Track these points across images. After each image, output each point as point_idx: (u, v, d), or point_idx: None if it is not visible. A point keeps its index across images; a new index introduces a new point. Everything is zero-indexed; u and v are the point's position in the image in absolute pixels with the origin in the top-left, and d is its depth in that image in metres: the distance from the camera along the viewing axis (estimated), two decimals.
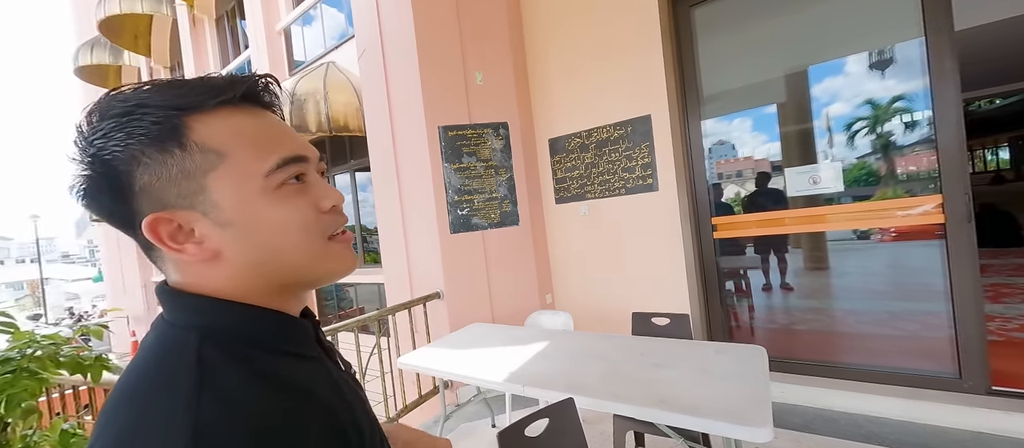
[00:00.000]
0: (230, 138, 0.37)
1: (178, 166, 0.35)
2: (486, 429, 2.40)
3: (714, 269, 2.55)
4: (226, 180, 0.36)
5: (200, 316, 0.37)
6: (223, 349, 0.35)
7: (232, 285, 0.38)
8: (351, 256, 0.43)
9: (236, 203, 0.36)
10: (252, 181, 0.37)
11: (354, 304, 5.97)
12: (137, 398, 0.32)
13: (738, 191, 2.69)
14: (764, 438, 1.04)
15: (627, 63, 2.62)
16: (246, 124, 0.38)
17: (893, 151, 2.17)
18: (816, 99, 2.34)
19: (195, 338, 0.35)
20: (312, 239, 0.39)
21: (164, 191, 0.36)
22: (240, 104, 0.39)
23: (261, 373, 0.35)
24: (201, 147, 0.36)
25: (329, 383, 0.40)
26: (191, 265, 0.38)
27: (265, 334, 0.38)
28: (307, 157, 0.40)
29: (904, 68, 2.06)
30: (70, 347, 1.40)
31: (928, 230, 2.04)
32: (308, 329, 0.43)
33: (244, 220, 0.37)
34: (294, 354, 0.39)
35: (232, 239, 0.37)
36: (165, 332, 0.37)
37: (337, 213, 0.42)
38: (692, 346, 1.70)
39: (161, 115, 0.35)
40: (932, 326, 2.13)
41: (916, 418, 1.95)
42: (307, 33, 5.86)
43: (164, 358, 0.35)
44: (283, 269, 0.39)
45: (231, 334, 0.36)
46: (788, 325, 2.70)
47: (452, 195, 2.78)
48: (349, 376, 0.49)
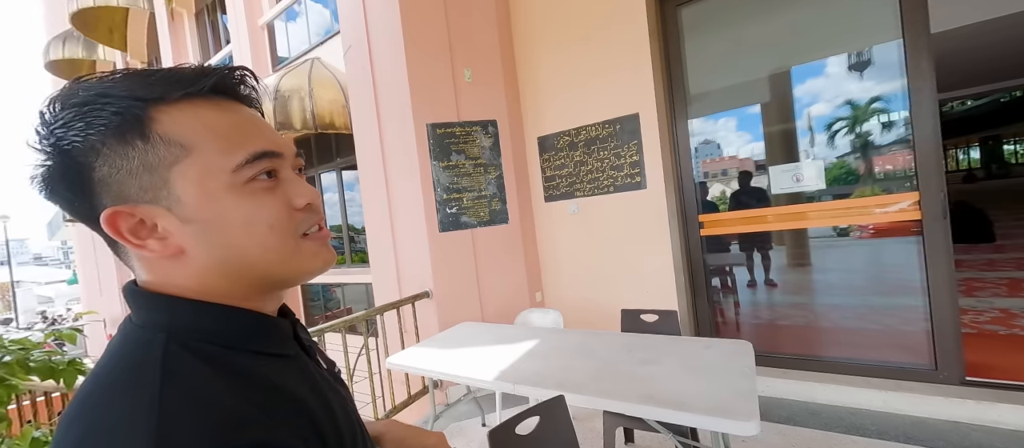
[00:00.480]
0: (197, 131, 0.35)
1: (140, 158, 0.34)
2: (476, 428, 2.39)
3: (701, 266, 2.59)
4: (190, 174, 0.35)
5: (167, 316, 0.36)
6: (191, 349, 0.34)
7: (199, 283, 0.37)
8: (327, 254, 0.42)
9: (200, 199, 0.35)
10: (218, 176, 0.35)
11: (341, 304, 5.89)
12: (99, 402, 0.31)
13: (723, 189, 2.74)
14: (751, 431, 1.05)
15: (616, 62, 2.63)
16: (216, 117, 0.37)
17: (872, 150, 2.23)
18: (798, 99, 2.39)
19: (161, 338, 0.34)
20: (282, 237, 0.38)
21: (124, 184, 0.34)
22: (211, 96, 0.37)
23: (230, 371, 0.34)
24: (165, 139, 0.34)
25: (306, 382, 0.39)
26: (157, 262, 0.36)
27: (235, 334, 0.37)
28: (280, 153, 0.39)
29: (882, 69, 2.12)
30: (42, 352, 1.34)
31: (905, 227, 2.10)
32: (285, 328, 0.42)
33: (208, 217, 0.35)
34: (267, 353, 0.38)
35: (196, 236, 0.35)
36: (130, 333, 0.36)
37: (312, 210, 0.41)
38: (680, 342, 1.72)
39: (123, 105, 0.33)
40: (909, 320, 2.19)
41: (896, 409, 2.01)
42: (291, 28, 5.74)
43: (127, 359, 0.33)
44: (251, 268, 0.37)
45: (199, 334, 0.35)
46: (772, 320, 2.76)
47: (441, 193, 2.76)
48: (332, 376, 0.48)
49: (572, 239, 2.94)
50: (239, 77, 0.40)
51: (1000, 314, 2.89)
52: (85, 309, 9.70)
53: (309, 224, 0.40)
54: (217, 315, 0.37)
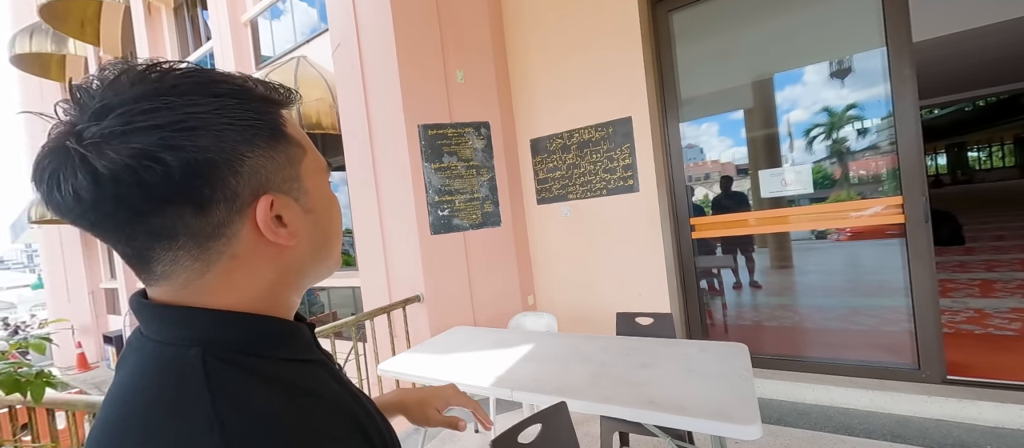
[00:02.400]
0: (302, 135, 0.40)
1: (285, 154, 0.37)
2: (469, 435, 2.35)
3: (693, 269, 2.61)
4: (310, 170, 0.39)
5: (200, 331, 0.34)
6: (228, 362, 0.33)
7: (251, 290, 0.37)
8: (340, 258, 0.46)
9: (317, 192, 0.40)
10: (322, 173, 0.41)
11: (325, 309, 5.75)
12: (141, 425, 0.29)
13: (706, 194, 2.79)
14: (753, 435, 1.05)
15: (608, 65, 2.64)
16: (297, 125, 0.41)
17: (856, 155, 2.30)
18: (785, 105, 2.44)
19: (198, 352, 0.32)
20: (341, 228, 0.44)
21: (273, 176, 0.36)
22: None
23: (273, 380, 0.34)
24: (291, 140, 0.38)
25: (345, 388, 0.40)
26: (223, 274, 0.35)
27: (268, 342, 0.36)
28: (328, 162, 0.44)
29: (866, 76, 2.19)
30: (5, 362, 1.25)
31: (885, 230, 2.17)
32: (306, 332, 0.42)
33: (321, 207, 0.40)
34: (298, 360, 0.38)
35: (312, 225, 0.39)
36: (158, 352, 0.33)
37: None
38: (676, 345, 1.72)
39: (263, 108, 0.36)
40: (891, 320, 2.26)
41: (882, 408, 2.06)
42: (275, 26, 5.60)
43: (165, 378, 0.31)
44: (329, 257, 0.42)
45: (233, 346, 0.34)
46: (759, 322, 2.80)
47: (432, 195, 2.72)
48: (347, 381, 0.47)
49: (565, 242, 2.94)
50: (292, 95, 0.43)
51: (975, 314, 3.01)
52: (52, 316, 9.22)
53: None
54: (250, 325, 0.36)
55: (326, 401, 0.35)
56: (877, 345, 2.31)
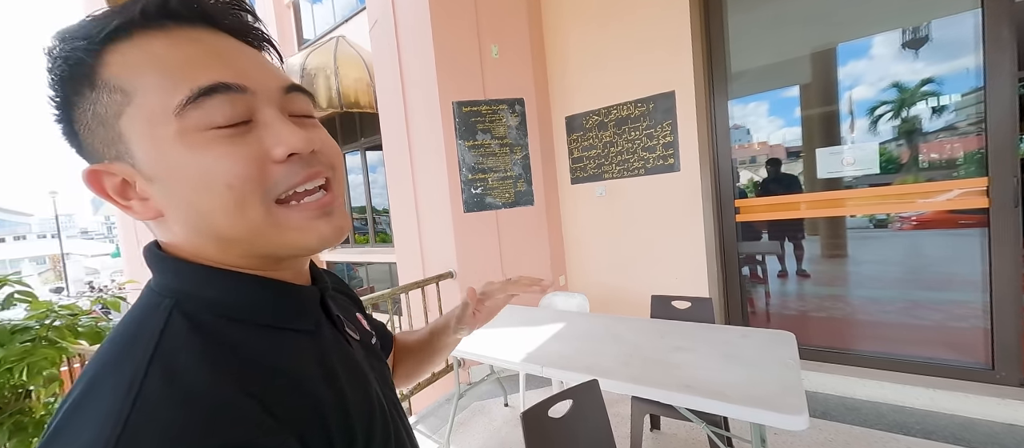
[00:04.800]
0: (140, 70, 0.29)
1: (92, 110, 0.30)
2: (499, 408, 2.40)
3: (734, 253, 2.48)
4: (137, 123, 0.29)
5: (176, 281, 0.32)
6: (193, 321, 0.30)
7: (193, 248, 0.33)
8: (322, 227, 0.33)
9: (151, 152, 0.29)
10: (164, 123, 0.29)
11: (363, 283, 6.02)
12: (96, 371, 0.29)
13: (751, 177, 2.60)
14: (800, 426, 1.00)
15: (651, 36, 2.49)
16: (166, 50, 0.29)
17: (928, 136, 2.05)
18: (847, 80, 2.21)
19: (168, 305, 0.31)
20: (246, 201, 0.30)
21: (89, 141, 0.31)
22: (164, 25, 0.30)
23: (231, 352, 0.30)
24: (109, 85, 0.29)
25: (320, 363, 0.34)
26: (153, 226, 0.34)
27: (244, 305, 0.33)
28: (243, 86, 0.30)
29: (948, 46, 1.93)
30: (89, 318, 1.40)
31: (958, 217, 1.95)
32: (306, 298, 0.37)
33: (164, 173, 0.30)
34: (283, 328, 0.34)
35: (163, 195, 0.30)
36: (144, 297, 0.33)
37: (297, 164, 0.32)
38: (715, 330, 1.65)
39: (68, 49, 0.29)
40: (961, 316, 2.05)
41: (943, 409, 1.90)
42: (316, 8, 5.73)
43: (132, 326, 0.31)
44: (224, 237, 0.31)
45: (205, 304, 0.32)
46: (806, 312, 2.63)
47: (466, 173, 2.72)
48: (366, 350, 0.44)
49: (599, 222, 2.87)
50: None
51: None
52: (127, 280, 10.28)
53: (291, 181, 0.32)
54: (225, 284, 0.32)
55: (283, 378, 0.31)
56: (942, 342, 2.11)
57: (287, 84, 0.34)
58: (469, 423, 2.28)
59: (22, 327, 1.23)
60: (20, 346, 1.17)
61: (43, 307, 1.29)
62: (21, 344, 1.18)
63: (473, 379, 2.60)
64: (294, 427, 0.29)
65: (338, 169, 0.35)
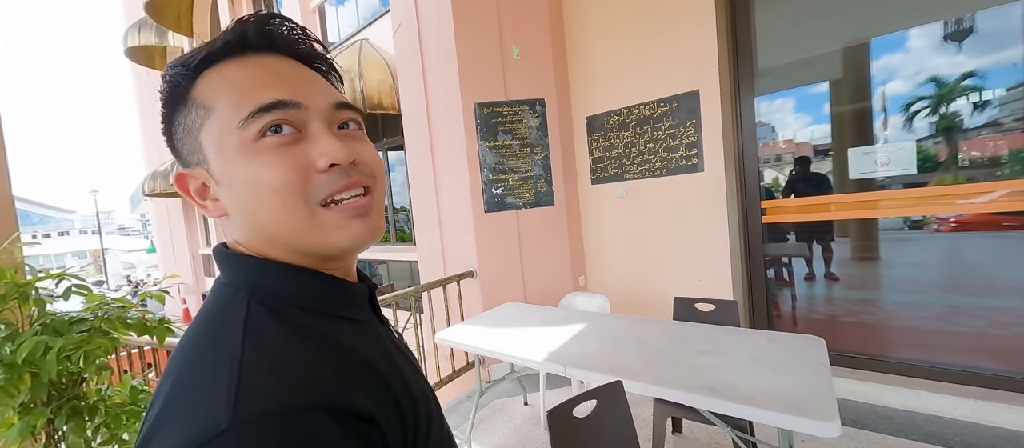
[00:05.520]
0: (219, 91, 0.35)
1: (184, 123, 0.36)
2: (519, 406, 2.42)
3: (760, 255, 2.43)
4: (211, 135, 0.35)
5: (247, 275, 0.37)
6: (269, 308, 0.34)
7: (256, 245, 0.37)
8: (357, 227, 0.36)
9: (217, 159, 0.35)
10: (230, 135, 0.34)
11: (383, 281, 6.14)
12: (192, 355, 0.33)
13: (776, 176, 2.53)
14: (832, 433, 0.98)
15: (675, 34, 2.46)
16: (238, 74, 0.35)
17: (969, 133, 1.96)
18: (881, 75, 2.12)
19: (244, 296, 0.35)
20: (289, 203, 0.34)
21: (182, 149, 0.37)
22: (243, 53, 0.36)
23: (306, 331, 0.34)
24: (196, 103, 0.35)
25: (378, 348, 0.39)
26: (223, 224, 0.38)
27: (309, 295, 0.37)
28: (297, 103, 0.35)
29: (993, 38, 1.84)
30: (135, 310, 1.49)
31: (1002, 220, 1.85)
32: (359, 292, 0.41)
33: (226, 178, 0.35)
34: (340, 317, 0.38)
35: (226, 197, 0.36)
36: (219, 292, 0.37)
37: (337, 173, 0.35)
38: (741, 334, 1.62)
39: (172, 75, 0.36)
40: (1004, 323, 1.95)
41: (985, 420, 1.81)
42: (340, 11, 5.87)
43: (216, 316, 0.35)
44: (271, 235, 0.36)
45: (276, 294, 0.36)
46: (835, 316, 2.55)
47: (487, 174, 2.75)
48: (404, 347, 0.47)
49: (619, 223, 2.85)
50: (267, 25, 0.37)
51: None
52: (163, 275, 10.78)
53: (331, 189, 0.35)
54: (291, 276, 0.37)
55: (357, 358, 0.35)
56: (983, 350, 2.02)
57: (337, 101, 0.38)
58: (489, 421, 2.31)
59: (79, 318, 1.32)
60: (77, 336, 1.26)
61: (97, 300, 1.38)
62: (78, 334, 1.27)
63: (493, 377, 2.63)
64: (371, 395, 0.33)
65: (378, 178, 0.39)
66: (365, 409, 0.31)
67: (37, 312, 1.30)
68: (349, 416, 0.30)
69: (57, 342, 1.19)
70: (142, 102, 10.13)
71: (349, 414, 0.30)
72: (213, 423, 0.27)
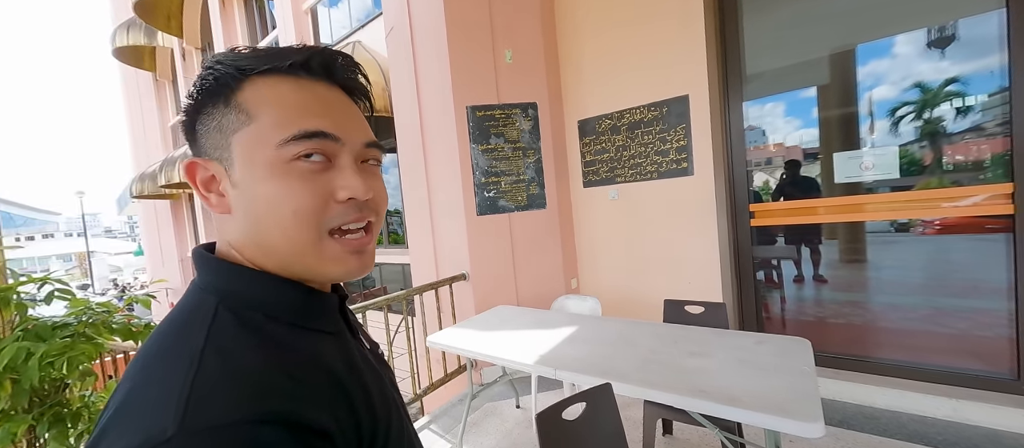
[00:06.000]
0: (266, 103, 0.36)
1: (218, 119, 0.37)
2: (511, 409, 2.42)
3: (749, 258, 2.46)
4: (245, 141, 0.36)
5: (221, 281, 0.37)
6: (237, 315, 0.35)
7: (246, 247, 0.38)
8: (352, 262, 0.39)
9: (246, 166, 0.36)
10: (265, 148, 0.36)
11: (376, 284, 6.11)
12: (152, 357, 0.33)
13: (772, 178, 2.57)
14: (816, 434, 0.99)
15: (665, 39, 2.49)
16: (290, 93, 0.37)
17: (953, 137, 2.01)
18: (868, 80, 2.17)
19: (214, 302, 0.35)
20: (303, 228, 0.36)
21: (204, 140, 0.38)
22: (300, 75, 0.38)
23: (271, 341, 0.35)
24: (239, 107, 0.37)
25: (344, 359, 0.39)
26: (220, 220, 0.39)
27: (280, 305, 0.38)
28: (335, 136, 0.37)
29: (975, 45, 1.89)
30: (120, 315, 1.47)
31: (985, 222, 1.90)
32: (331, 304, 0.42)
33: (247, 184, 0.36)
34: (311, 329, 0.39)
35: (238, 200, 0.37)
36: (191, 296, 0.38)
37: (352, 206, 0.38)
38: (729, 336, 1.64)
39: (221, 71, 0.37)
40: (985, 324, 2.00)
41: (966, 419, 1.85)
42: (333, 13, 5.85)
43: (182, 321, 0.35)
44: (270, 248, 0.37)
45: (247, 301, 0.36)
46: (823, 318, 2.59)
47: (479, 177, 2.76)
48: (375, 357, 0.48)
49: (611, 226, 2.87)
50: (332, 59, 0.40)
51: None
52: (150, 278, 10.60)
53: (342, 220, 0.38)
54: (265, 285, 0.38)
55: (321, 369, 0.36)
56: (965, 351, 2.06)
57: (369, 140, 0.41)
58: (481, 424, 2.30)
59: (62, 323, 1.30)
60: (61, 341, 1.24)
61: (81, 305, 1.36)
62: (62, 339, 1.25)
63: (485, 380, 2.63)
64: (328, 408, 0.33)
65: (380, 214, 0.42)
66: (320, 423, 0.31)
67: (19, 317, 1.28)
68: (303, 430, 0.30)
69: (39, 348, 1.17)
70: (130, 103, 9.98)
71: (303, 428, 0.30)
72: (159, 429, 0.27)
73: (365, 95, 0.44)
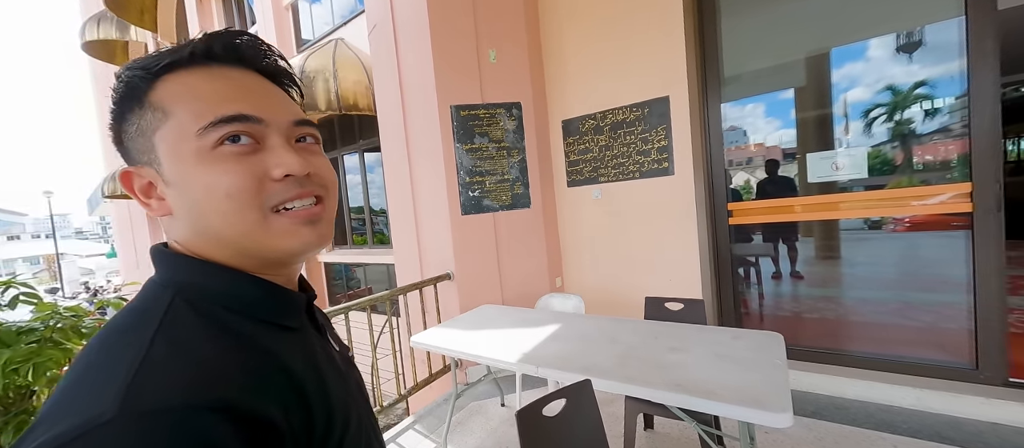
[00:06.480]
0: (179, 97, 0.36)
1: (137, 123, 0.37)
2: (496, 408, 2.43)
3: (728, 255, 2.53)
4: (167, 138, 0.36)
5: (179, 273, 0.37)
6: (195, 307, 0.35)
7: (196, 246, 0.38)
8: (305, 233, 0.38)
9: (173, 162, 0.36)
10: (188, 140, 0.36)
11: (362, 284, 6.04)
12: (103, 343, 0.33)
13: (749, 178, 2.65)
14: (784, 423, 1.03)
15: (646, 42, 2.54)
16: (201, 83, 0.37)
17: (921, 138, 2.10)
18: (842, 83, 2.26)
19: (170, 293, 0.35)
20: (242, 208, 0.36)
21: (132, 147, 0.38)
22: (207, 64, 0.38)
23: (228, 332, 0.35)
24: (153, 106, 0.36)
25: (304, 355, 0.39)
26: (165, 223, 0.39)
27: (242, 299, 0.37)
28: (257, 117, 0.37)
29: (939, 51, 1.98)
30: (91, 319, 1.42)
31: (948, 220, 2.00)
32: (296, 301, 0.42)
33: (178, 179, 0.36)
34: (271, 323, 0.38)
35: (176, 198, 0.37)
36: (147, 289, 0.38)
37: (291, 183, 0.38)
38: (708, 331, 1.69)
39: (129, 75, 0.37)
40: (948, 317, 2.10)
41: (930, 408, 1.94)
42: (315, 9, 5.75)
43: (136, 311, 0.35)
44: (218, 237, 0.37)
45: (206, 294, 0.36)
46: (800, 313, 2.68)
47: (463, 176, 2.76)
48: (344, 359, 0.47)
49: (594, 225, 2.91)
50: (232, 39, 0.39)
51: None
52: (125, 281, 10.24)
53: (283, 197, 0.37)
54: (225, 278, 0.37)
55: (275, 363, 0.35)
56: (930, 343, 2.16)
57: (297, 118, 0.40)
58: (466, 423, 2.31)
59: (28, 328, 1.25)
60: (26, 347, 1.19)
61: (48, 309, 1.31)
62: (27, 345, 1.20)
63: (470, 379, 2.63)
64: (279, 401, 0.33)
65: (330, 190, 0.42)
66: (267, 415, 0.31)
67: None
68: (248, 421, 0.29)
69: (3, 354, 1.13)
70: (100, 99, 9.63)
71: (248, 419, 0.30)
72: (98, 412, 0.26)
73: (289, 78, 0.43)
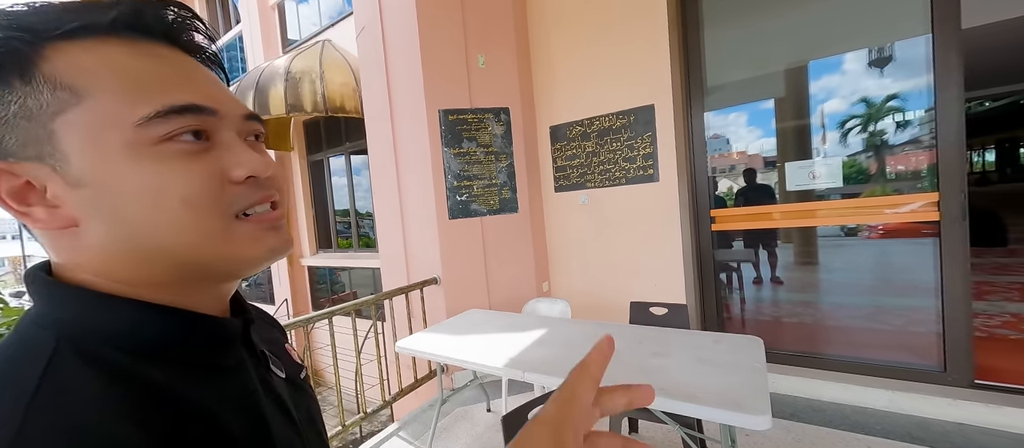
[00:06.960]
0: (97, 75, 0.28)
1: (18, 104, 0.27)
2: (482, 413, 2.42)
3: (710, 261, 2.58)
4: (80, 126, 0.27)
5: (64, 311, 0.29)
6: (86, 356, 0.27)
7: (104, 268, 0.30)
8: (273, 239, 0.33)
9: (90, 157, 0.28)
10: (116, 130, 0.28)
11: (346, 288, 5.95)
12: None
13: (730, 186, 2.72)
14: (763, 426, 1.06)
15: (632, 51, 2.59)
16: (128, 61, 0.29)
17: (889, 149, 2.20)
18: (820, 94, 2.34)
19: (51, 340, 0.27)
20: (203, 215, 0.30)
21: (3, 135, 0.27)
22: (130, 36, 0.30)
23: (125, 379, 0.27)
24: (52, 82, 0.27)
25: (237, 398, 0.32)
26: (55, 238, 0.30)
27: (149, 339, 0.30)
28: (212, 109, 0.31)
29: (906, 65, 2.08)
30: None
31: (918, 228, 2.09)
32: (228, 332, 0.35)
33: (101, 180, 0.28)
34: (193, 365, 0.31)
35: (89, 204, 0.28)
36: (23, 329, 0.28)
37: (256, 185, 0.32)
38: (690, 335, 1.72)
39: (2, 37, 0.27)
40: (919, 321, 2.18)
41: (901, 409, 2.01)
42: (302, 10, 5.69)
43: (9, 358, 0.27)
44: (164, 252, 0.29)
45: (101, 336, 0.28)
46: (779, 317, 2.75)
47: (451, 180, 2.75)
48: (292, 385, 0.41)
49: (581, 230, 2.94)
50: (174, 16, 0.31)
51: (1012, 318, 2.87)
52: None
53: (249, 201, 0.32)
54: (127, 314, 0.29)
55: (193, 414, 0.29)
56: (901, 346, 2.25)
57: (248, 112, 0.35)
58: (452, 428, 2.29)
59: None
60: None
61: (15, 314, 1.26)
62: None
63: (456, 385, 2.62)
64: None
65: (284, 192, 0.37)
66: None
67: None
68: None
69: None
70: None
71: None
72: None
73: (219, 64, 0.36)
